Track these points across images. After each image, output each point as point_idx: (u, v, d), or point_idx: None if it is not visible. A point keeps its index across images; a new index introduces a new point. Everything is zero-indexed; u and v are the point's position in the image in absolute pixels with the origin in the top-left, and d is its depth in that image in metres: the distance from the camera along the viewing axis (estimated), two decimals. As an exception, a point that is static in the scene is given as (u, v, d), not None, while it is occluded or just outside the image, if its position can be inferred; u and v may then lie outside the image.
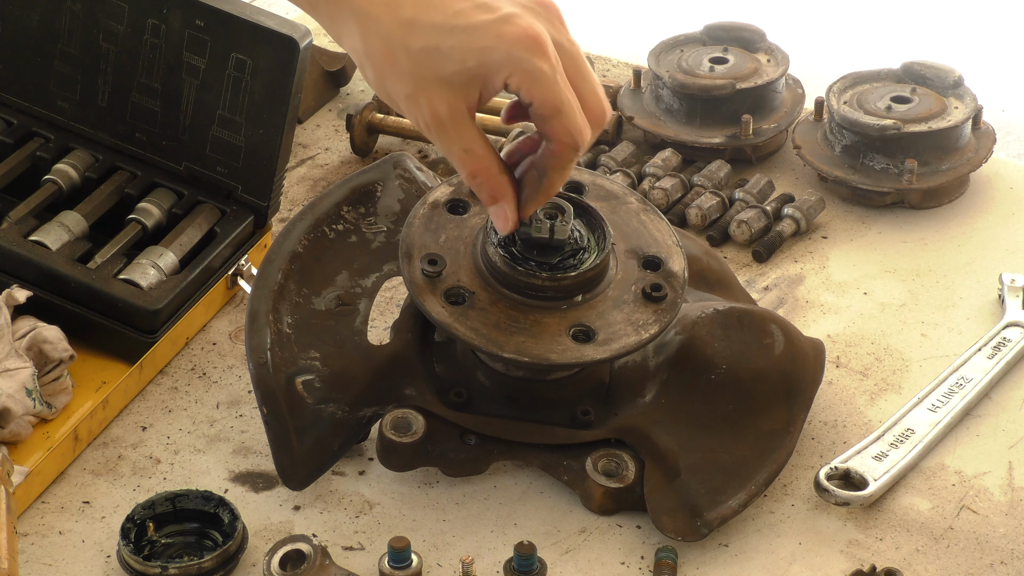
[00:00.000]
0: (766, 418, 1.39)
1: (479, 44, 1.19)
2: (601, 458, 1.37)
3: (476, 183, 1.26)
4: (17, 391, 1.39)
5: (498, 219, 1.29)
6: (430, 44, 1.20)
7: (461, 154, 1.24)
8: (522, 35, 1.19)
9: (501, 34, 1.19)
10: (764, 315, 1.44)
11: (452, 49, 1.20)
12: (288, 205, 1.76)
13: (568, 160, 1.25)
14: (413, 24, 1.20)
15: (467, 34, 1.19)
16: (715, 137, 1.80)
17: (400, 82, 1.22)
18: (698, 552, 1.34)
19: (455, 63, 1.20)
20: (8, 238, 1.52)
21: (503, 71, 1.20)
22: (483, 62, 1.20)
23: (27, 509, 1.37)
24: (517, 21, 1.20)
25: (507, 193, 1.27)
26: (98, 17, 1.60)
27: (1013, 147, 3.00)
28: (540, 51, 1.20)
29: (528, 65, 1.20)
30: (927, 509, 1.38)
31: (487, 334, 1.33)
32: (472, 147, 1.24)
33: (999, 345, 1.53)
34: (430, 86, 1.21)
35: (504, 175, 1.27)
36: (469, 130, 1.23)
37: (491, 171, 1.25)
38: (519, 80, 1.20)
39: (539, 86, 1.21)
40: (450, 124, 1.22)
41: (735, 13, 2.15)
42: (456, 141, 1.23)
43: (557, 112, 1.22)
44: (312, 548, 1.29)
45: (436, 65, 1.20)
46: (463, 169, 1.25)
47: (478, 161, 1.25)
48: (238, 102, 1.56)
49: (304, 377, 1.36)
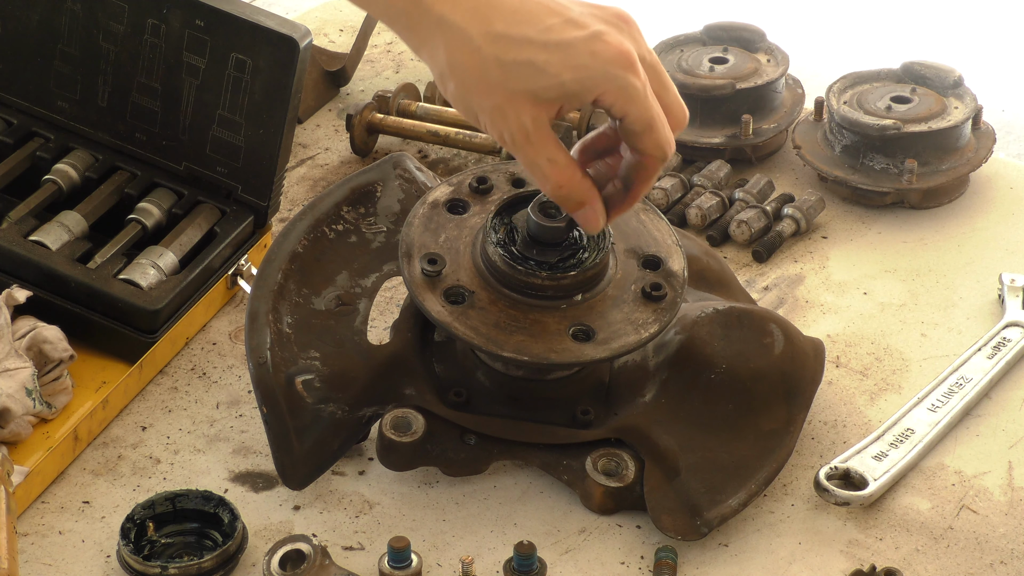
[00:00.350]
0: (766, 418, 1.39)
1: (575, 61, 1.20)
2: (601, 458, 1.37)
3: (562, 193, 1.27)
4: (17, 391, 1.39)
5: (588, 221, 1.29)
6: (524, 58, 1.20)
7: (546, 165, 1.24)
8: (616, 53, 1.21)
9: (595, 52, 1.20)
10: (764, 315, 1.44)
11: (548, 64, 1.20)
12: (288, 205, 1.76)
13: (656, 171, 1.27)
14: (505, 37, 1.21)
15: (561, 50, 1.20)
16: (715, 137, 1.80)
17: (487, 94, 1.22)
18: (698, 552, 1.34)
19: (550, 78, 1.20)
20: (8, 238, 1.52)
21: (598, 88, 1.21)
22: (579, 79, 1.21)
23: (27, 509, 1.37)
24: (608, 39, 1.21)
25: (593, 196, 1.28)
26: (98, 17, 1.60)
27: (1013, 147, 2.99)
28: (632, 68, 1.21)
29: (623, 83, 1.21)
30: (927, 509, 1.38)
31: (487, 333, 1.33)
32: (556, 157, 1.25)
33: (999, 345, 1.53)
34: (520, 99, 1.21)
35: (586, 179, 1.28)
36: (552, 142, 1.24)
37: (575, 179, 1.26)
38: (613, 97, 1.22)
39: (632, 103, 1.22)
40: (535, 136, 1.23)
41: (735, 13, 2.15)
42: (541, 153, 1.24)
43: (649, 128, 1.23)
44: (312, 548, 1.29)
45: (529, 78, 1.21)
46: (548, 180, 1.25)
47: (562, 171, 1.25)
48: (238, 102, 1.56)
49: (304, 377, 1.36)
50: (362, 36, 1.97)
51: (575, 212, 1.29)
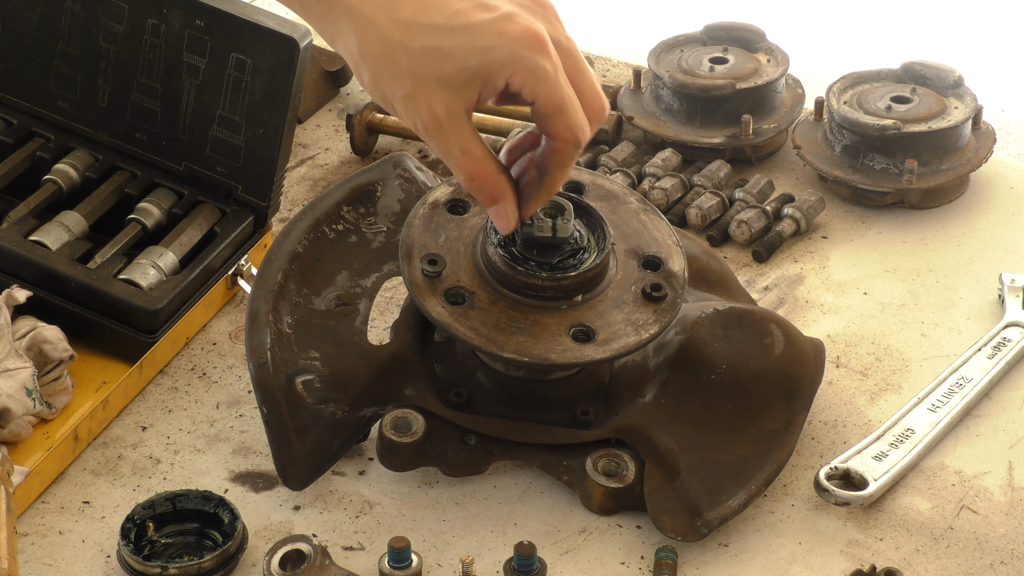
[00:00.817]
0: (766, 418, 1.39)
1: (481, 43, 1.19)
2: (601, 458, 1.37)
3: (475, 185, 1.26)
4: (17, 391, 1.39)
5: (499, 219, 1.29)
6: (430, 44, 1.19)
7: (459, 155, 1.24)
8: (524, 33, 1.19)
9: (503, 32, 1.19)
10: (764, 315, 1.44)
11: (453, 48, 1.19)
12: (288, 205, 1.76)
13: (569, 157, 1.25)
14: (412, 24, 1.20)
15: (468, 33, 1.19)
16: (715, 137, 1.80)
17: (398, 83, 1.21)
18: (698, 552, 1.34)
19: (456, 62, 1.19)
20: (8, 238, 1.52)
21: (505, 70, 1.20)
22: (485, 61, 1.19)
23: (27, 509, 1.37)
24: (518, 20, 1.20)
25: (506, 193, 1.27)
26: (98, 17, 1.60)
27: (1013, 147, 2.99)
28: (542, 49, 1.20)
29: (531, 63, 1.19)
30: (927, 509, 1.38)
31: (487, 334, 1.33)
32: (469, 148, 1.23)
33: (999, 345, 1.53)
34: (429, 86, 1.20)
35: (502, 175, 1.26)
36: (466, 131, 1.23)
37: (488, 172, 1.25)
38: (522, 79, 1.20)
39: (542, 84, 1.20)
40: (448, 125, 1.22)
41: (735, 13, 2.15)
42: (454, 142, 1.23)
43: (559, 110, 1.22)
44: (312, 548, 1.29)
45: (437, 65, 1.20)
46: (460, 171, 1.25)
47: (475, 162, 1.24)
48: (238, 102, 1.56)
49: (304, 377, 1.36)
50: (362, 36, 1.97)
51: (488, 208, 1.28)
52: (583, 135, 1.23)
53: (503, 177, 1.26)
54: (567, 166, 1.26)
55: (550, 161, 1.25)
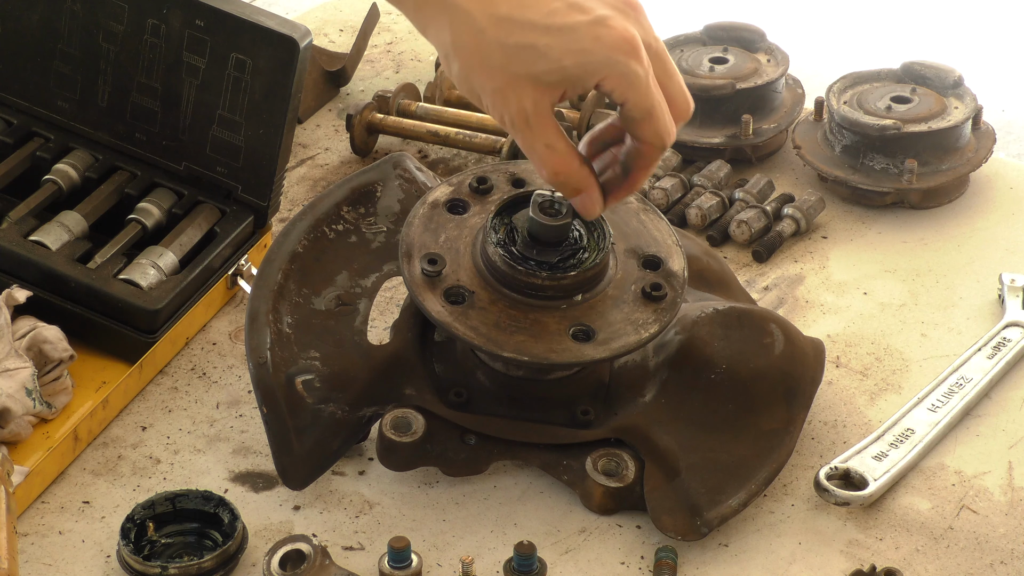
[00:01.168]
0: (766, 418, 1.39)
1: (577, 46, 1.20)
2: (601, 458, 1.37)
3: (560, 179, 1.27)
4: (17, 391, 1.39)
5: (585, 207, 1.30)
6: (526, 41, 1.20)
7: (543, 150, 1.25)
8: (619, 39, 1.20)
9: (599, 36, 1.20)
10: (764, 315, 1.44)
11: (549, 48, 1.20)
12: (288, 205, 1.76)
13: (655, 159, 1.27)
14: (508, 20, 1.21)
15: (564, 34, 1.20)
16: (715, 137, 1.80)
17: (489, 77, 1.22)
18: (698, 552, 1.34)
19: (551, 62, 1.21)
20: (8, 238, 1.52)
21: (599, 74, 1.21)
22: (580, 63, 1.21)
23: (27, 509, 1.37)
24: (612, 24, 1.21)
25: (590, 183, 1.28)
26: (98, 17, 1.60)
27: (1013, 147, 3.00)
28: (635, 55, 1.21)
29: (624, 69, 1.21)
30: (927, 509, 1.38)
31: (487, 333, 1.33)
32: (555, 143, 1.25)
33: (999, 345, 1.53)
34: (521, 82, 1.22)
35: (584, 167, 1.28)
36: (552, 127, 1.24)
37: (573, 166, 1.26)
38: (614, 83, 1.21)
39: (633, 90, 1.22)
40: (535, 120, 1.23)
41: (735, 13, 2.15)
42: (540, 138, 1.24)
43: (648, 115, 1.23)
44: (312, 548, 1.29)
45: (530, 62, 1.21)
46: (546, 165, 1.26)
47: (560, 157, 1.25)
48: (238, 102, 1.56)
49: (304, 377, 1.36)
50: (362, 36, 1.97)
51: (572, 198, 1.29)
52: (669, 139, 1.25)
53: (585, 169, 1.28)
54: (651, 167, 1.28)
55: (636, 161, 1.27)
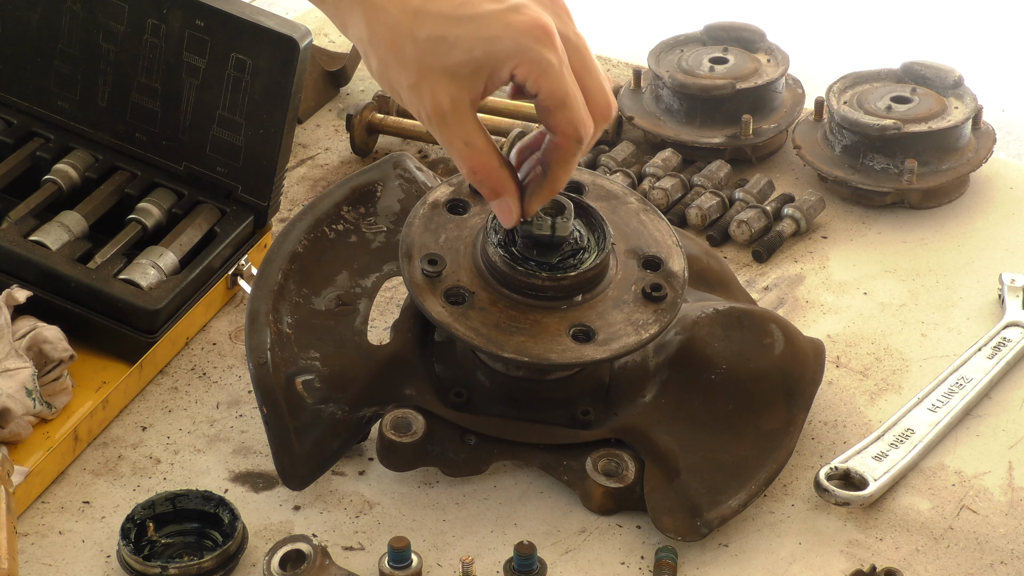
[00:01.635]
0: (766, 418, 1.39)
1: (487, 33, 1.19)
2: (601, 458, 1.37)
3: (477, 178, 1.25)
4: (17, 391, 1.39)
5: (502, 213, 1.28)
6: (437, 33, 1.19)
7: (462, 147, 1.23)
8: (531, 25, 1.19)
9: (509, 23, 1.19)
10: (764, 315, 1.44)
11: (459, 38, 1.19)
12: (288, 205, 1.76)
13: (572, 153, 1.24)
14: (420, 13, 1.20)
15: (475, 23, 1.19)
16: (715, 137, 1.80)
17: (404, 72, 1.21)
18: (698, 552, 1.34)
19: (462, 52, 1.19)
20: (8, 238, 1.52)
21: (511, 61, 1.20)
22: (490, 51, 1.19)
23: (27, 509, 1.37)
24: (525, 11, 1.19)
25: (509, 187, 1.27)
26: (98, 17, 1.60)
27: (1013, 147, 2.99)
28: (548, 42, 1.20)
29: (536, 55, 1.19)
30: (927, 509, 1.38)
31: (487, 334, 1.33)
32: (473, 140, 1.23)
33: (999, 345, 1.53)
34: (435, 76, 1.20)
35: (505, 169, 1.26)
36: (470, 123, 1.23)
37: (491, 165, 1.25)
38: (526, 70, 1.20)
39: (546, 77, 1.20)
40: (452, 116, 1.21)
41: (735, 13, 2.15)
42: (457, 134, 1.23)
43: (562, 104, 1.21)
44: (312, 548, 1.29)
45: (442, 55, 1.20)
46: (464, 163, 1.24)
47: (478, 155, 1.24)
48: (238, 102, 1.56)
49: (304, 377, 1.36)
50: (362, 36, 1.97)
51: (491, 201, 1.28)
52: (585, 131, 1.23)
53: (506, 171, 1.26)
54: (570, 162, 1.25)
55: (552, 156, 1.25)
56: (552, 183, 1.27)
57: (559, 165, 1.25)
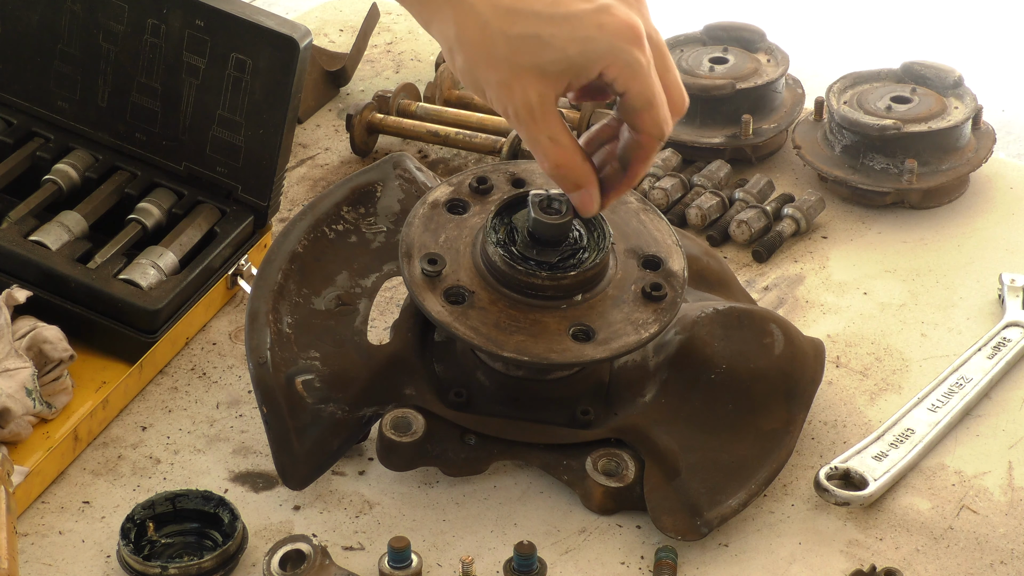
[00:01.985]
0: (766, 418, 1.39)
1: (581, 34, 1.20)
2: (601, 458, 1.37)
3: (560, 173, 1.27)
4: (17, 391, 1.39)
5: (583, 203, 1.30)
6: (530, 31, 1.21)
7: (547, 143, 1.25)
8: (623, 26, 1.21)
9: (602, 24, 1.20)
10: (764, 315, 1.44)
11: (553, 37, 1.20)
12: (288, 205, 1.76)
13: (653, 151, 1.27)
14: (512, 11, 1.21)
15: (568, 22, 1.20)
16: (715, 137, 1.80)
17: (494, 69, 1.22)
18: (698, 552, 1.34)
19: (555, 51, 1.21)
20: (8, 238, 1.52)
21: (603, 61, 1.21)
22: (584, 51, 1.21)
23: (27, 509, 1.37)
24: (615, 12, 1.21)
25: (591, 180, 1.29)
26: (98, 17, 1.60)
27: (1013, 147, 3.00)
28: (638, 43, 1.21)
29: (628, 57, 1.21)
30: (927, 509, 1.38)
31: (487, 334, 1.33)
32: (558, 136, 1.25)
33: (999, 345, 1.53)
34: (526, 73, 1.22)
35: (587, 163, 1.28)
36: (556, 119, 1.25)
37: (575, 160, 1.27)
38: (617, 71, 1.22)
39: (636, 79, 1.22)
40: (539, 113, 1.23)
41: (735, 13, 2.15)
42: (544, 130, 1.24)
43: (649, 105, 1.23)
44: (312, 548, 1.29)
45: (535, 53, 1.21)
46: (548, 158, 1.26)
47: (563, 151, 1.26)
48: (238, 102, 1.56)
49: (304, 377, 1.36)
50: (362, 36, 1.97)
51: (571, 193, 1.29)
52: (668, 130, 1.26)
53: (588, 165, 1.28)
54: (650, 159, 1.28)
55: (634, 153, 1.27)
56: (632, 177, 1.29)
57: (640, 161, 1.28)
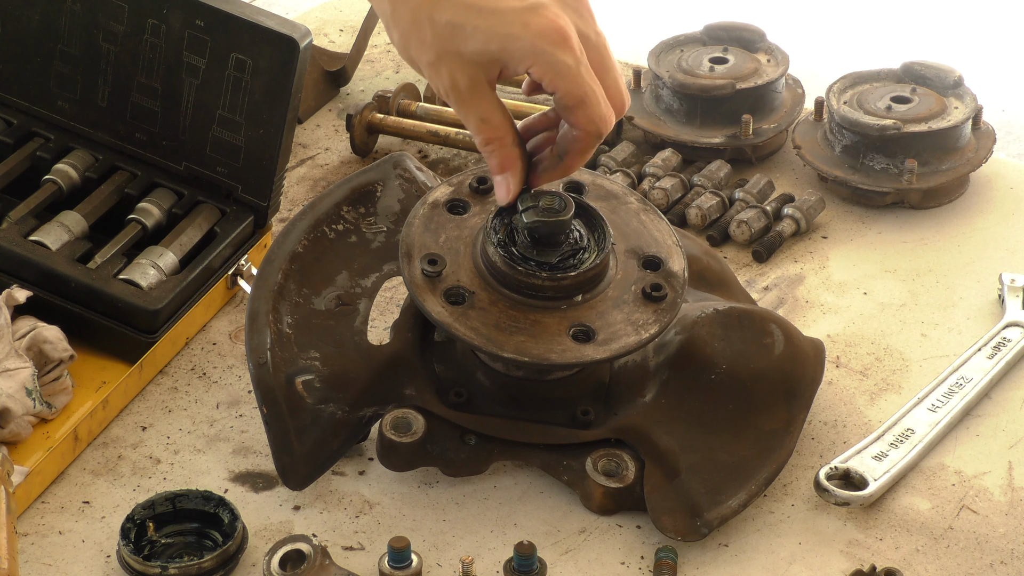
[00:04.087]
0: (766, 418, 1.39)
1: (504, 30, 1.22)
2: (601, 458, 1.37)
3: (488, 150, 1.29)
4: (17, 391, 1.39)
5: (500, 189, 1.32)
6: (455, 20, 1.22)
7: (478, 122, 1.27)
8: (548, 28, 1.22)
9: (527, 23, 1.21)
10: (764, 315, 1.45)
11: (476, 29, 1.22)
12: (288, 205, 1.76)
13: (590, 146, 1.28)
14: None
15: (493, 17, 1.22)
16: (715, 137, 1.80)
17: (423, 50, 1.24)
18: (698, 552, 1.34)
19: (477, 43, 1.22)
20: (8, 238, 1.52)
21: (525, 60, 1.23)
22: (506, 48, 1.22)
23: (27, 509, 1.37)
24: (544, 12, 1.22)
25: (516, 165, 1.30)
26: (98, 17, 1.60)
27: (1013, 147, 2.99)
28: (564, 45, 1.22)
29: (551, 58, 1.22)
30: (927, 509, 1.38)
31: (487, 334, 1.33)
32: (489, 117, 1.27)
33: (999, 345, 1.53)
34: (451, 58, 1.24)
35: (517, 148, 1.30)
36: (487, 100, 1.26)
37: (504, 141, 1.28)
38: (541, 71, 1.23)
39: (561, 78, 1.23)
40: (468, 94, 1.25)
41: (735, 13, 2.15)
42: (473, 110, 1.26)
43: (581, 103, 1.24)
44: (312, 548, 1.29)
45: (458, 41, 1.23)
46: (478, 136, 1.28)
47: (493, 130, 1.27)
48: (238, 102, 1.56)
49: (304, 377, 1.36)
50: (362, 36, 1.97)
51: (495, 176, 1.31)
52: (605, 126, 1.26)
53: (517, 151, 1.30)
54: (587, 153, 1.29)
55: (571, 147, 1.29)
56: (566, 168, 1.31)
57: (577, 154, 1.29)
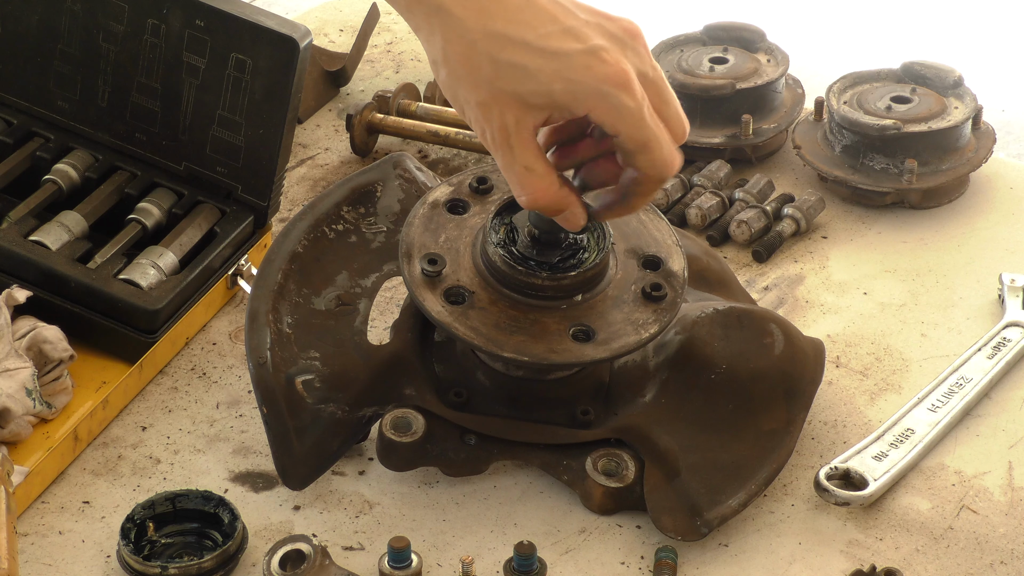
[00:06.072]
0: (766, 418, 1.39)
1: (567, 73, 1.19)
2: (601, 458, 1.37)
3: (537, 205, 1.25)
4: (17, 391, 1.39)
5: (568, 222, 1.28)
6: (517, 60, 1.19)
7: (521, 171, 1.23)
8: (611, 72, 1.19)
9: (590, 67, 1.19)
10: (764, 315, 1.45)
11: (539, 70, 1.19)
12: (288, 205, 1.76)
13: (653, 189, 1.26)
14: (501, 36, 1.19)
15: (556, 59, 1.19)
16: (715, 137, 1.80)
17: (475, 89, 1.21)
18: (698, 552, 1.34)
19: (539, 84, 1.20)
20: (8, 238, 1.52)
21: (587, 103, 1.20)
22: (569, 90, 1.20)
23: (27, 509, 1.37)
24: (605, 56, 1.20)
25: (571, 202, 1.27)
26: (98, 17, 1.60)
27: (1013, 147, 3.00)
28: (627, 88, 1.20)
29: (615, 101, 1.20)
30: (927, 509, 1.38)
31: (487, 334, 1.33)
32: (534, 166, 1.23)
33: (999, 345, 1.53)
34: (506, 98, 1.20)
35: (564, 188, 1.26)
36: (532, 148, 1.23)
37: (551, 190, 1.25)
38: (603, 115, 1.20)
39: (624, 123, 1.21)
40: (516, 139, 1.22)
41: (735, 13, 2.15)
42: (519, 158, 1.23)
43: (643, 147, 1.22)
44: (312, 548, 1.29)
45: (519, 81, 1.20)
46: (524, 189, 1.24)
47: (538, 180, 1.24)
48: (238, 102, 1.56)
49: (304, 377, 1.36)
50: (362, 36, 1.97)
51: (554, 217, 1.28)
52: (669, 170, 1.24)
53: (565, 190, 1.26)
54: (650, 195, 1.27)
55: (633, 189, 1.26)
56: (630, 208, 1.28)
57: (640, 196, 1.27)
